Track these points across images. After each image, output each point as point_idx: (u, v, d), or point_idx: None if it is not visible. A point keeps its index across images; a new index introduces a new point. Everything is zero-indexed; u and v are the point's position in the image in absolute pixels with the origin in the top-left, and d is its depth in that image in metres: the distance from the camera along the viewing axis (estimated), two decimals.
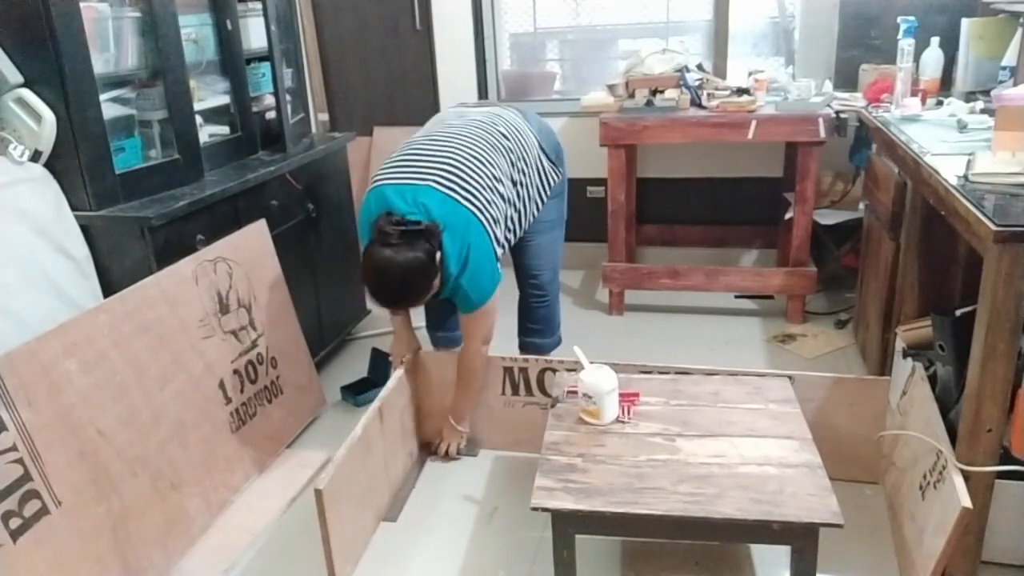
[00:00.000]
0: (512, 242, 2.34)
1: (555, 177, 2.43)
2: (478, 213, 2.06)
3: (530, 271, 2.52)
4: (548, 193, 2.41)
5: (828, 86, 3.15)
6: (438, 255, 1.99)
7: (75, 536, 1.73)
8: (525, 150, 2.31)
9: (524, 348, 2.63)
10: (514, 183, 2.25)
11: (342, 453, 1.89)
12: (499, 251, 2.17)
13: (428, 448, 2.45)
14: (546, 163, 2.39)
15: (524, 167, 2.29)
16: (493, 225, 2.11)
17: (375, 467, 2.12)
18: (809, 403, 2.08)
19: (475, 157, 2.13)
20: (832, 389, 2.14)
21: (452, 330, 2.61)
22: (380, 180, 2.10)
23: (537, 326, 2.61)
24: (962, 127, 2.28)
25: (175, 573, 1.97)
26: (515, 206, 2.26)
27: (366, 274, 1.97)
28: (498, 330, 2.28)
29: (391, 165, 2.14)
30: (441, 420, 2.42)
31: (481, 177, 2.10)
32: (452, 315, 2.52)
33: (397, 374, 2.31)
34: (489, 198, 2.10)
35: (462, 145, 2.16)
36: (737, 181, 3.70)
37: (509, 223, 2.24)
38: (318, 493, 1.76)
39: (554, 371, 2.28)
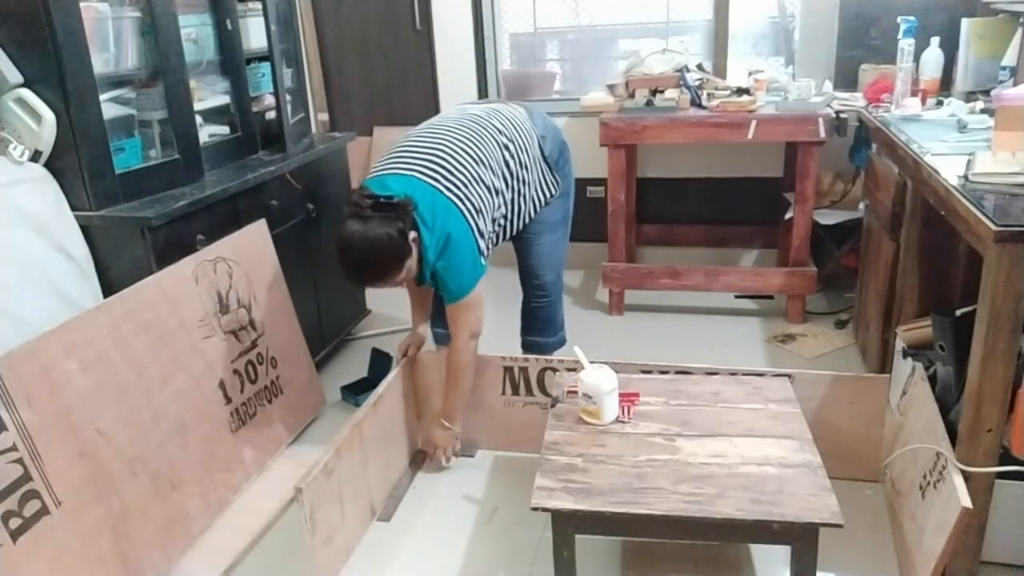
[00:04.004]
0: (502, 236, 2.33)
1: (555, 178, 2.42)
2: (459, 202, 2.06)
3: (533, 271, 2.52)
4: (549, 192, 2.41)
5: (828, 86, 3.15)
6: (412, 234, 1.98)
7: (75, 536, 1.73)
8: (524, 146, 2.30)
9: (526, 347, 2.62)
10: (510, 176, 2.25)
11: (327, 453, 1.91)
12: (482, 243, 2.14)
13: (423, 454, 2.44)
14: (546, 162, 2.39)
15: (523, 161, 2.29)
16: (475, 215, 2.10)
17: (367, 466, 2.13)
18: (809, 402, 2.08)
19: (462, 149, 2.14)
20: (831, 387, 2.14)
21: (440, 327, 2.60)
22: (369, 174, 2.14)
23: (539, 326, 2.61)
24: (962, 127, 2.28)
25: (175, 573, 1.97)
26: (507, 200, 2.26)
27: (336, 248, 1.98)
28: (502, 329, 2.27)
29: (381, 160, 2.17)
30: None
31: (466, 168, 2.11)
32: None
33: (393, 372, 2.32)
34: (474, 189, 2.10)
35: (451, 138, 2.17)
36: (737, 181, 3.70)
37: (498, 216, 2.24)
38: (299, 492, 1.77)
39: (554, 371, 2.28)
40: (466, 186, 2.09)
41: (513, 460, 2.39)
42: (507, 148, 2.24)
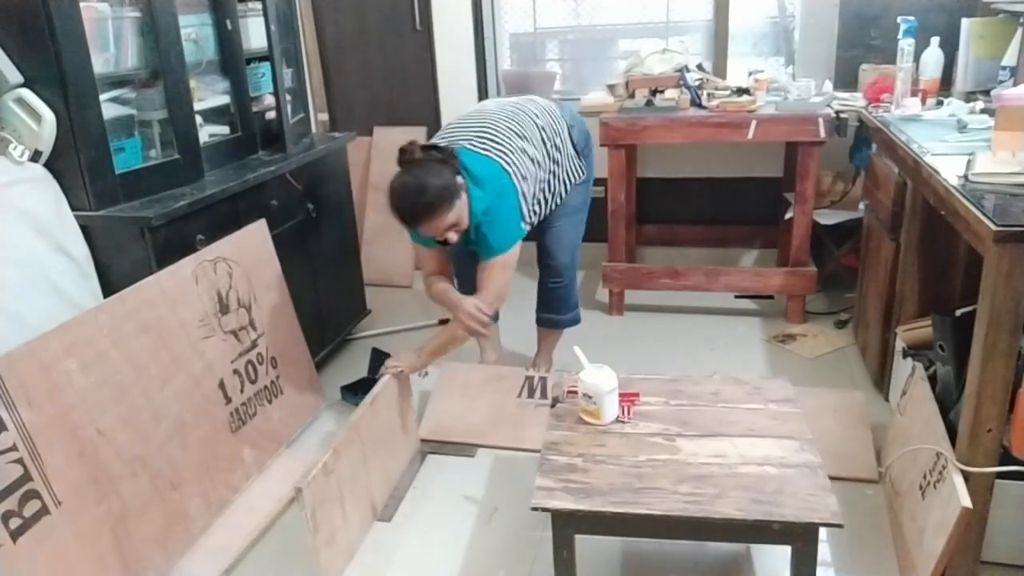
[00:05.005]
0: (540, 214, 2.46)
1: (581, 163, 2.56)
2: (506, 165, 2.23)
3: (549, 254, 2.62)
4: (577, 175, 2.55)
5: (828, 86, 3.15)
6: (459, 179, 2.13)
7: (75, 536, 1.73)
8: (557, 131, 2.46)
9: (540, 323, 2.76)
10: (547, 156, 2.39)
11: (326, 453, 1.92)
12: (525, 208, 2.28)
13: (427, 444, 2.47)
14: (575, 148, 2.52)
15: (557, 144, 2.44)
16: (522, 181, 2.26)
17: (367, 465, 2.13)
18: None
19: (506, 126, 2.33)
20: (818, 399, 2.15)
21: None
22: None
23: (553, 305, 2.72)
24: (962, 127, 2.28)
25: (175, 573, 1.97)
26: (547, 174, 2.40)
27: (389, 189, 2.12)
28: (519, 323, 2.29)
29: (429, 143, 2.29)
30: (443, 420, 2.42)
31: (511, 140, 2.29)
32: None
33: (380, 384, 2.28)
34: (519, 158, 2.27)
35: (495, 119, 2.36)
36: (737, 181, 3.70)
37: (537, 191, 2.38)
38: (299, 492, 1.78)
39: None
40: (512, 153, 2.26)
41: (513, 460, 2.39)
42: (544, 130, 2.41)
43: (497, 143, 2.26)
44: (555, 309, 2.71)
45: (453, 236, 2.17)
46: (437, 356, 2.36)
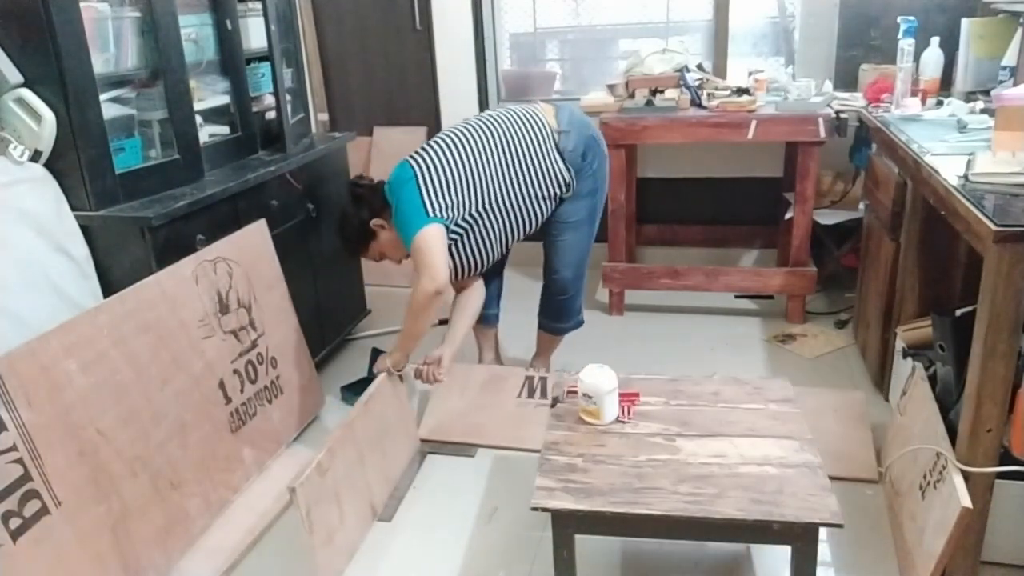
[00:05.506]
0: (495, 228, 2.40)
1: (569, 173, 2.42)
2: (412, 160, 2.33)
3: (553, 268, 2.58)
4: (556, 187, 2.42)
5: (828, 86, 3.15)
6: (376, 220, 2.37)
7: (75, 536, 1.73)
8: (527, 141, 2.39)
9: (542, 327, 2.74)
10: (510, 165, 2.37)
11: (320, 452, 1.92)
12: (433, 199, 2.26)
13: (427, 444, 2.47)
14: (561, 157, 2.40)
15: (532, 154, 2.38)
16: (426, 171, 2.29)
17: (365, 465, 2.13)
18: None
19: (447, 135, 2.39)
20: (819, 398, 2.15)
21: (489, 308, 2.72)
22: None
23: (555, 315, 2.70)
24: (962, 127, 2.28)
25: (175, 573, 1.97)
26: (502, 183, 2.37)
27: None
28: (518, 323, 2.29)
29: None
30: (443, 420, 2.42)
31: (438, 146, 2.35)
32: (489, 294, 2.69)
33: (381, 376, 2.32)
34: (431, 155, 2.32)
35: (449, 131, 2.42)
36: (737, 181, 3.70)
37: (485, 204, 2.35)
38: (292, 492, 1.78)
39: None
40: (423, 149, 2.35)
41: (513, 460, 2.39)
42: (508, 137, 2.38)
43: (424, 148, 2.35)
44: (558, 319, 2.69)
45: (393, 263, 2.49)
46: (407, 348, 2.35)
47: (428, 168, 2.28)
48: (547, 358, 2.80)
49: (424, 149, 2.35)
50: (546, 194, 2.41)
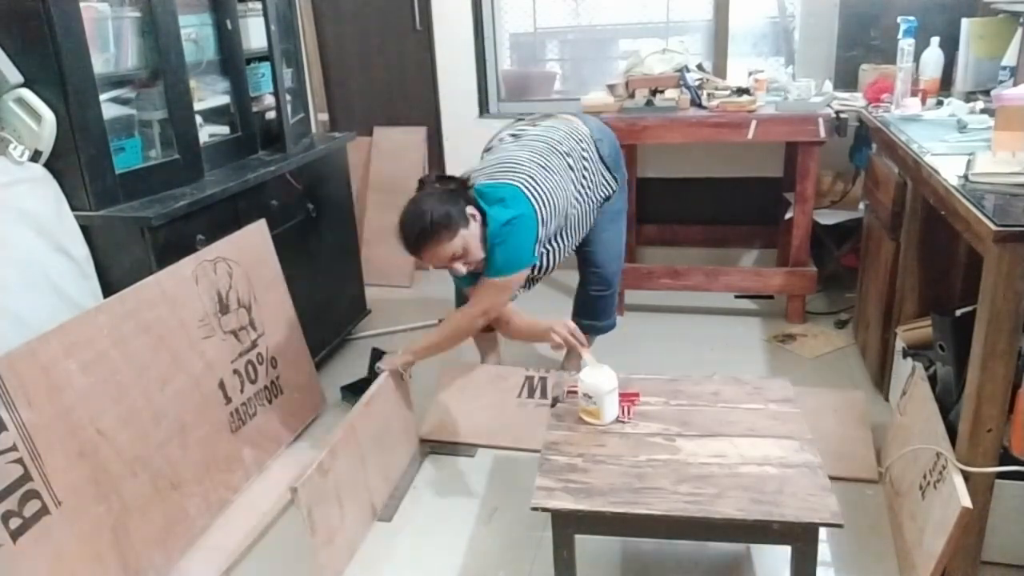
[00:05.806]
0: (564, 247, 2.41)
1: (612, 176, 2.52)
2: (527, 192, 2.20)
3: (596, 263, 2.60)
4: (607, 190, 2.52)
5: (828, 86, 3.15)
6: (470, 208, 2.13)
7: (75, 536, 1.73)
8: (584, 154, 2.43)
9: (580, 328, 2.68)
10: (576, 182, 2.38)
11: (321, 453, 1.92)
12: (543, 236, 2.24)
13: (427, 444, 2.47)
14: (604, 164, 2.49)
15: (587, 167, 2.42)
16: (543, 208, 2.22)
17: (365, 465, 2.13)
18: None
19: (529, 158, 2.31)
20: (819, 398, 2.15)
21: None
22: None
23: (595, 313, 2.69)
24: (962, 127, 2.28)
25: (175, 573, 1.97)
26: (577, 201, 2.38)
27: (398, 221, 2.14)
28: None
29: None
30: (443, 419, 2.43)
31: (535, 170, 2.27)
32: None
33: (384, 375, 2.31)
34: (542, 188, 2.24)
35: (518, 154, 2.34)
36: (737, 181, 3.70)
37: (565, 220, 2.34)
38: (294, 492, 1.78)
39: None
40: (534, 180, 2.23)
41: (513, 460, 2.39)
42: (570, 155, 2.39)
43: (518, 172, 2.24)
44: (597, 316, 2.69)
45: (460, 267, 2.15)
46: (422, 356, 2.33)
47: (543, 205, 2.22)
48: (580, 360, 2.75)
49: (532, 179, 2.24)
50: (598, 202, 2.49)
